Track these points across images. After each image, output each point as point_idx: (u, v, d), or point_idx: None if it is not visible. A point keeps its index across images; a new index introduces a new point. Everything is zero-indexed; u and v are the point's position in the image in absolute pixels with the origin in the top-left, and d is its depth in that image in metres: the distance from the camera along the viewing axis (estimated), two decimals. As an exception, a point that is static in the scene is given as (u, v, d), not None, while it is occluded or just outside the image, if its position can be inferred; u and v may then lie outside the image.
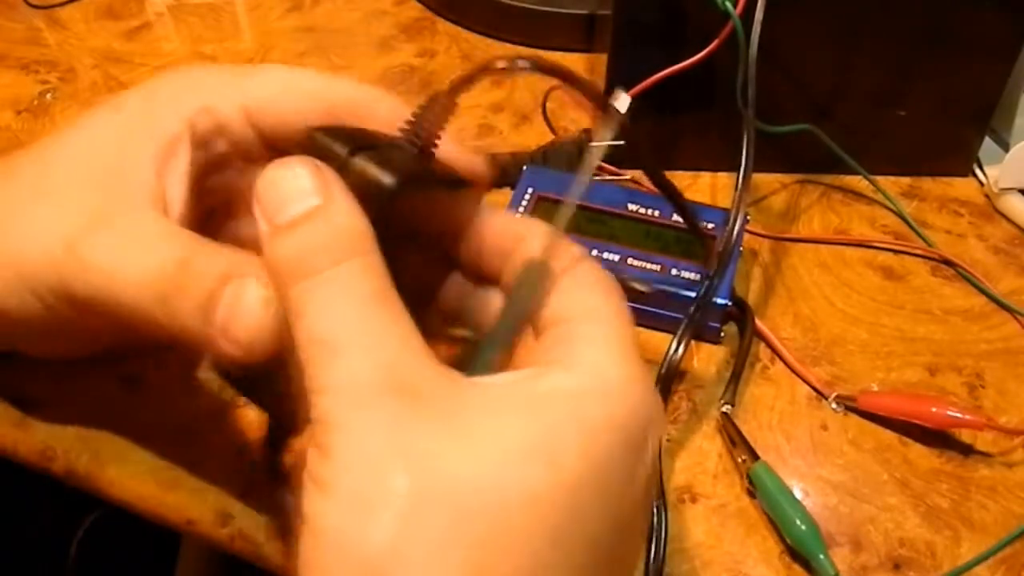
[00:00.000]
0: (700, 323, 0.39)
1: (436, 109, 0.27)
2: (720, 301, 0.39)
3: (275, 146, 0.30)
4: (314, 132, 0.26)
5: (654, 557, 0.32)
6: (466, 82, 0.27)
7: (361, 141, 0.26)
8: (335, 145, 0.25)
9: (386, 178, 0.25)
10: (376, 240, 0.24)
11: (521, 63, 0.27)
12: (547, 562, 0.21)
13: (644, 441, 0.24)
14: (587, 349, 0.24)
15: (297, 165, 0.24)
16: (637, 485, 0.23)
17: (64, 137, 0.30)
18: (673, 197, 0.35)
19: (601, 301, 0.25)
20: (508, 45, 0.58)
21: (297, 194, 0.23)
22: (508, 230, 0.28)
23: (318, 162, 0.24)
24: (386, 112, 0.28)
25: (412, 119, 0.27)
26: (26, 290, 0.28)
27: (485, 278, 0.29)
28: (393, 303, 0.23)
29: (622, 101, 0.27)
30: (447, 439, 0.21)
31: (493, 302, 0.29)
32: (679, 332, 0.38)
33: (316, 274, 0.23)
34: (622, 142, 0.46)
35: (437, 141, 0.27)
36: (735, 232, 0.40)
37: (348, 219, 0.24)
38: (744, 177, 0.40)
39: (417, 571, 0.20)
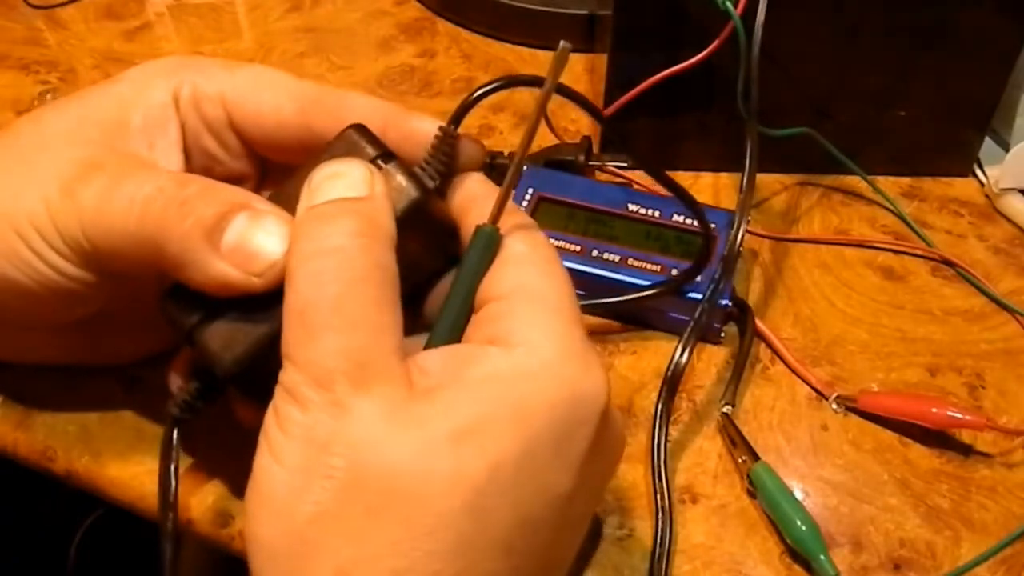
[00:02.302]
0: (702, 324, 0.39)
1: (447, 144, 0.28)
2: (721, 302, 0.39)
3: (245, 137, 0.31)
4: (349, 129, 0.27)
5: (658, 558, 0.32)
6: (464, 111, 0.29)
7: (387, 149, 0.27)
8: (367, 146, 0.27)
9: (413, 190, 0.26)
10: (394, 241, 0.25)
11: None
12: (473, 542, 0.22)
13: (581, 419, 0.24)
14: (523, 328, 0.24)
15: (353, 162, 0.26)
16: (572, 461, 0.24)
17: (61, 103, 0.31)
18: (683, 196, 0.35)
19: (540, 276, 0.25)
20: (508, 45, 0.58)
21: (341, 184, 0.25)
22: (467, 194, 0.28)
23: (371, 166, 0.26)
24: (361, 111, 0.29)
25: (432, 152, 0.28)
26: (21, 245, 0.28)
27: None
28: (382, 292, 0.24)
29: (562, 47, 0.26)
30: (386, 427, 0.22)
31: None
32: (685, 335, 0.38)
33: (320, 249, 0.24)
34: (624, 163, 0.46)
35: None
36: (740, 234, 0.39)
37: (370, 210, 0.25)
38: (748, 180, 0.40)
39: (339, 542, 0.22)
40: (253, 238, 0.25)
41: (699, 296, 0.38)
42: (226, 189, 0.27)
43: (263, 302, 0.25)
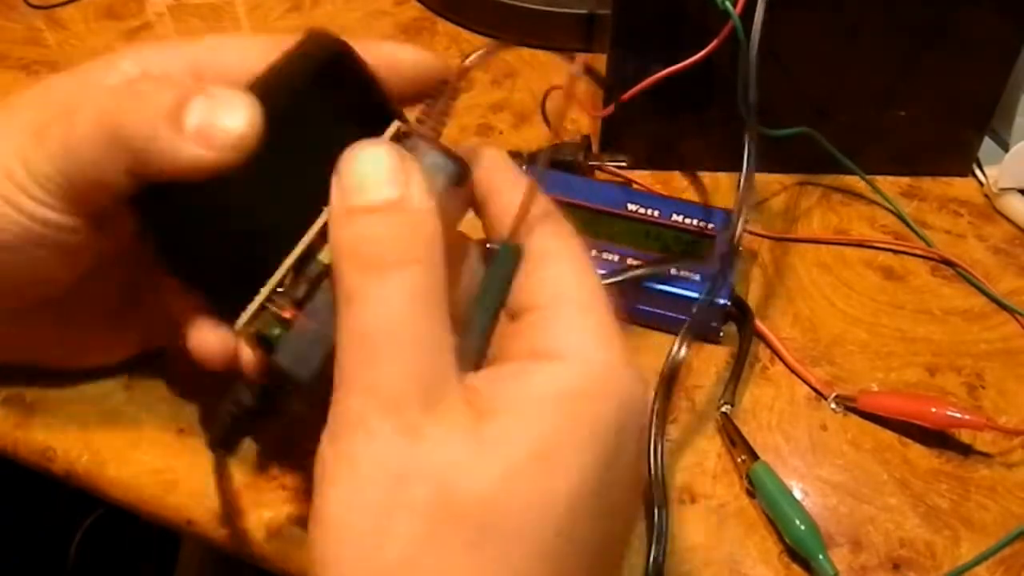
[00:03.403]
0: (701, 323, 0.39)
1: (445, 98, 0.27)
2: (720, 301, 0.39)
3: None
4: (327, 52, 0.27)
5: (655, 557, 0.32)
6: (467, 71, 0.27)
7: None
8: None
9: (449, 165, 0.26)
10: (443, 245, 0.24)
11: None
12: (566, 566, 0.22)
13: (637, 422, 0.24)
14: (572, 338, 0.24)
15: (383, 150, 0.24)
16: (628, 465, 0.24)
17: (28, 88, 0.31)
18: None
19: (577, 282, 0.25)
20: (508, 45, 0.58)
21: (378, 181, 0.24)
22: (491, 175, 0.28)
23: (403, 151, 0.24)
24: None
25: (427, 108, 0.27)
26: (2, 204, 0.27)
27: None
28: (441, 309, 0.23)
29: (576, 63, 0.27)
30: (465, 452, 0.21)
31: None
32: (681, 333, 0.38)
33: (380, 268, 0.23)
34: (624, 163, 0.46)
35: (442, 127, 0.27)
36: (738, 233, 0.39)
37: (422, 218, 0.24)
38: (747, 178, 0.40)
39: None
40: (216, 118, 0.25)
41: (697, 295, 0.39)
42: (179, 80, 0.26)
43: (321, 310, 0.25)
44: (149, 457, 0.35)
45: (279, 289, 0.26)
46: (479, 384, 0.23)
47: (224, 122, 0.25)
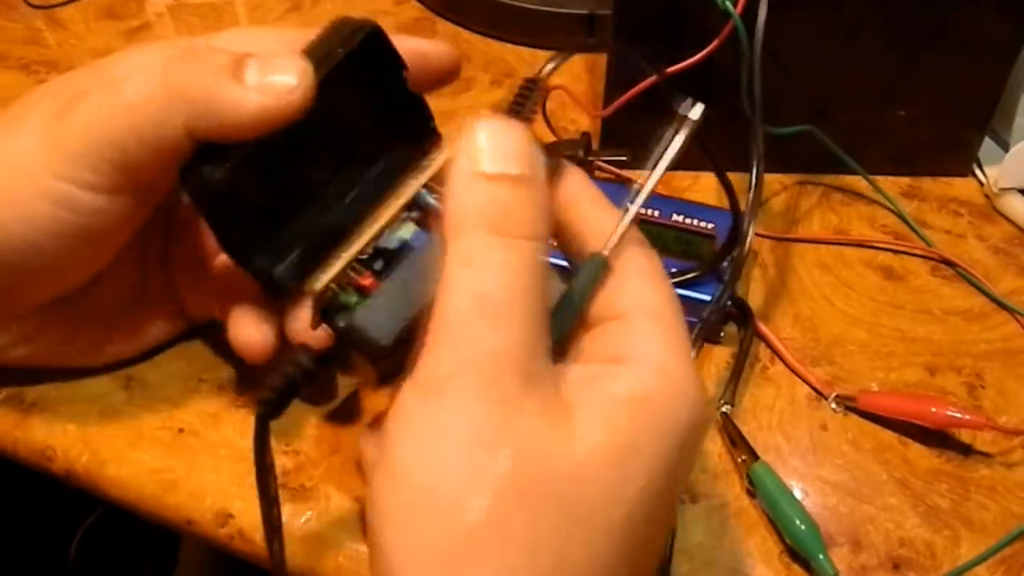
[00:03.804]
0: (710, 327, 0.39)
1: (535, 92, 0.28)
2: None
3: None
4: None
5: (661, 558, 0.32)
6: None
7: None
8: None
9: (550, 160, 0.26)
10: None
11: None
12: (622, 555, 0.23)
13: (702, 431, 0.25)
14: (648, 345, 0.24)
15: (519, 127, 0.25)
16: (682, 477, 0.25)
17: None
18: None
19: (655, 293, 0.26)
20: (508, 45, 0.58)
21: (511, 153, 0.24)
22: (582, 213, 0.28)
23: (533, 136, 0.25)
24: None
25: (518, 101, 0.28)
26: (28, 196, 0.28)
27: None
28: (544, 288, 0.23)
29: (695, 110, 0.28)
30: (551, 430, 0.22)
31: None
32: (692, 336, 0.38)
33: (507, 235, 0.23)
34: (624, 157, 0.46)
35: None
36: (749, 236, 0.39)
37: (545, 200, 0.24)
38: (756, 182, 0.40)
39: (505, 551, 0.21)
40: (273, 73, 0.27)
41: (705, 297, 0.39)
42: (228, 49, 0.28)
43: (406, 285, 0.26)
44: (149, 457, 0.35)
45: (361, 257, 0.27)
46: (568, 374, 0.24)
47: (282, 76, 0.27)
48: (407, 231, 0.28)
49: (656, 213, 0.42)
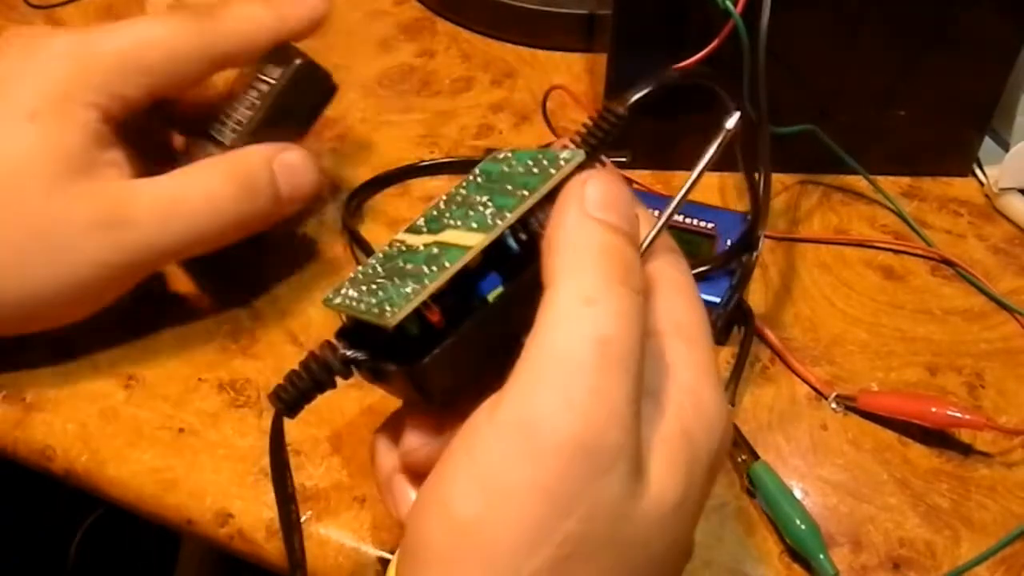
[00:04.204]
0: (717, 329, 0.39)
1: (606, 128, 0.27)
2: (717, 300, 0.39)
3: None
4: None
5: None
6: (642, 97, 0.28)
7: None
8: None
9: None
10: None
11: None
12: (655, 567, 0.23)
13: (719, 463, 0.25)
14: (684, 374, 0.24)
15: (627, 188, 0.25)
16: (699, 501, 0.25)
17: None
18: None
19: (688, 314, 0.25)
20: (508, 45, 0.58)
21: (623, 210, 0.24)
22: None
23: (634, 196, 0.25)
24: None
25: (592, 135, 0.27)
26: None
27: None
28: (639, 352, 0.23)
29: (731, 119, 0.28)
30: (628, 492, 0.22)
31: None
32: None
33: (622, 284, 0.22)
34: (624, 158, 0.46)
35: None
36: (761, 240, 0.39)
37: (637, 255, 0.24)
38: (765, 183, 0.40)
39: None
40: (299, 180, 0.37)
41: (707, 298, 0.38)
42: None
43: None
44: (148, 457, 0.35)
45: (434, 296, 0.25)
46: None
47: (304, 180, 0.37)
48: (493, 291, 0.26)
49: (656, 213, 0.42)
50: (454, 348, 0.25)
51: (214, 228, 0.35)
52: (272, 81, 0.37)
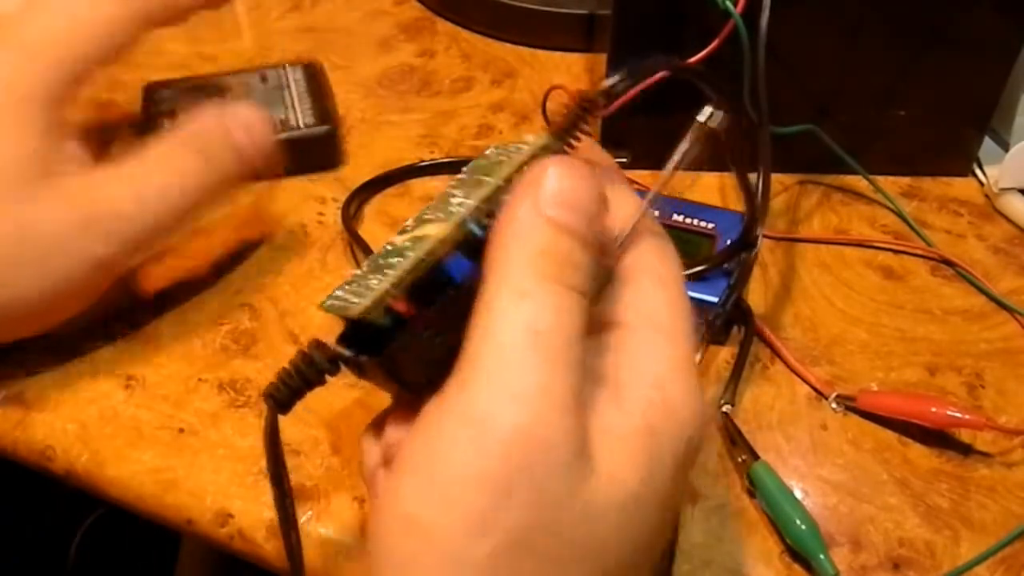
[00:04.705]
0: (716, 329, 0.39)
1: (576, 114, 0.27)
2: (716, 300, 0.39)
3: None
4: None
5: (661, 558, 0.32)
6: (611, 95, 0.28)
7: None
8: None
9: None
10: None
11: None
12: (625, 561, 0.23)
13: (689, 460, 0.24)
14: (651, 364, 0.24)
15: (591, 184, 0.24)
16: (672, 494, 0.24)
17: None
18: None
19: (668, 308, 0.25)
20: (508, 45, 0.58)
21: (579, 206, 0.23)
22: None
23: (601, 192, 0.24)
24: None
25: (564, 123, 0.27)
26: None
27: None
28: (577, 346, 0.22)
29: (713, 117, 0.27)
30: (573, 479, 0.22)
31: None
32: (698, 339, 0.38)
33: (556, 282, 0.22)
34: (624, 159, 0.46)
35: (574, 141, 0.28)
36: (760, 240, 0.39)
37: (594, 260, 0.23)
38: (764, 183, 0.40)
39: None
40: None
41: (706, 298, 0.39)
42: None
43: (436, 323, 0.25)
44: (148, 457, 0.35)
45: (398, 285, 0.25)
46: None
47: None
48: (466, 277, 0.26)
49: (656, 213, 0.42)
50: (422, 334, 0.25)
51: (189, 199, 0.35)
52: None
